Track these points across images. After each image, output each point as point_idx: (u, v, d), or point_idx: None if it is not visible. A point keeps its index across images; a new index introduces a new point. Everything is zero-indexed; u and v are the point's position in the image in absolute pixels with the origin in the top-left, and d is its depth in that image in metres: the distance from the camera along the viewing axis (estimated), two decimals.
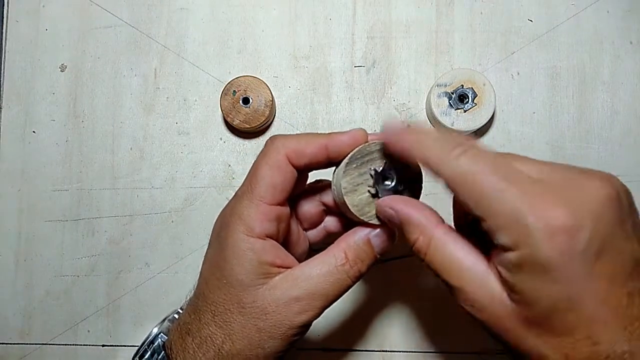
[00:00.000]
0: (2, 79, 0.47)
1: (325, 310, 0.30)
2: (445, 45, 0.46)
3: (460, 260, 0.26)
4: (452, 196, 0.28)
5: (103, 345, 0.45)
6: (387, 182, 0.30)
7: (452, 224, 0.31)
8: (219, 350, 0.30)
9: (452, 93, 0.42)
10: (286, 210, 0.31)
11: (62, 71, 0.46)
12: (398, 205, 0.28)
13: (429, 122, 0.45)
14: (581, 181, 0.23)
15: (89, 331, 0.45)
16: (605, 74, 0.45)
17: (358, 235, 0.31)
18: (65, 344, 0.45)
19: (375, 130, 0.45)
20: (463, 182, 0.24)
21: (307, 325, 0.30)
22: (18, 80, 0.46)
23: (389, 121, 0.29)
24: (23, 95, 0.46)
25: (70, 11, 0.47)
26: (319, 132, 0.45)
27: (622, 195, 0.23)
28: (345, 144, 0.30)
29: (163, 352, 0.31)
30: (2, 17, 0.47)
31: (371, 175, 0.30)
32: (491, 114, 0.42)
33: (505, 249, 0.23)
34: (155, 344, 0.33)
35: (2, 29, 0.47)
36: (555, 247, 0.21)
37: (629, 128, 0.44)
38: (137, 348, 0.35)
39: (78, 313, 0.45)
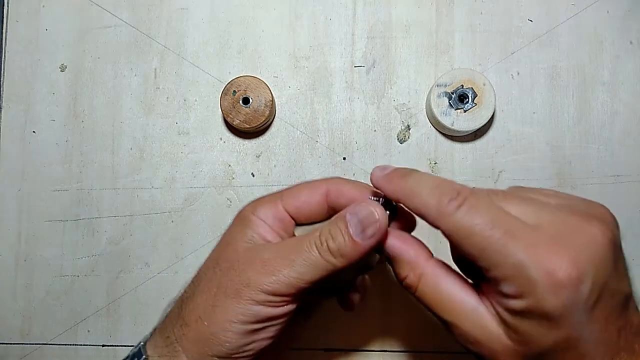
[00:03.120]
0: (2, 79, 0.47)
1: (325, 310, 0.30)
2: (445, 45, 0.46)
3: (453, 295, 0.26)
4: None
5: (103, 345, 0.45)
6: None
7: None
8: (182, 303, 0.30)
9: (452, 93, 0.42)
10: None
11: (62, 71, 0.46)
12: (389, 240, 0.28)
13: (429, 122, 0.45)
14: (580, 225, 0.24)
15: (89, 331, 0.45)
16: (605, 74, 0.45)
17: (338, 214, 0.30)
18: (65, 344, 0.45)
19: (375, 130, 0.45)
20: (463, 236, 0.24)
21: (266, 295, 0.28)
22: (18, 80, 0.46)
23: (379, 168, 0.29)
24: (23, 95, 0.46)
25: (70, 11, 0.47)
26: (319, 132, 0.45)
27: (617, 234, 0.24)
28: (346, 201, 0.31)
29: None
30: (2, 17, 0.47)
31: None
32: (491, 114, 0.42)
33: (510, 296, 0.24)
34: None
35: (2, 29, 0.47)
36: (560, 300, 0.23)
37: (629, 128, 0.44)
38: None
39: (78, 313, 0.45)
